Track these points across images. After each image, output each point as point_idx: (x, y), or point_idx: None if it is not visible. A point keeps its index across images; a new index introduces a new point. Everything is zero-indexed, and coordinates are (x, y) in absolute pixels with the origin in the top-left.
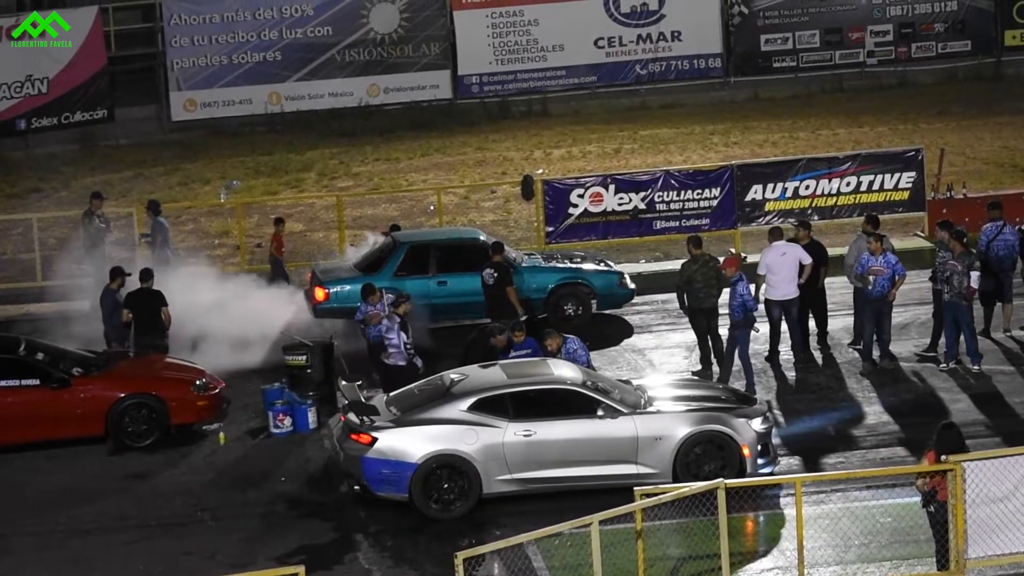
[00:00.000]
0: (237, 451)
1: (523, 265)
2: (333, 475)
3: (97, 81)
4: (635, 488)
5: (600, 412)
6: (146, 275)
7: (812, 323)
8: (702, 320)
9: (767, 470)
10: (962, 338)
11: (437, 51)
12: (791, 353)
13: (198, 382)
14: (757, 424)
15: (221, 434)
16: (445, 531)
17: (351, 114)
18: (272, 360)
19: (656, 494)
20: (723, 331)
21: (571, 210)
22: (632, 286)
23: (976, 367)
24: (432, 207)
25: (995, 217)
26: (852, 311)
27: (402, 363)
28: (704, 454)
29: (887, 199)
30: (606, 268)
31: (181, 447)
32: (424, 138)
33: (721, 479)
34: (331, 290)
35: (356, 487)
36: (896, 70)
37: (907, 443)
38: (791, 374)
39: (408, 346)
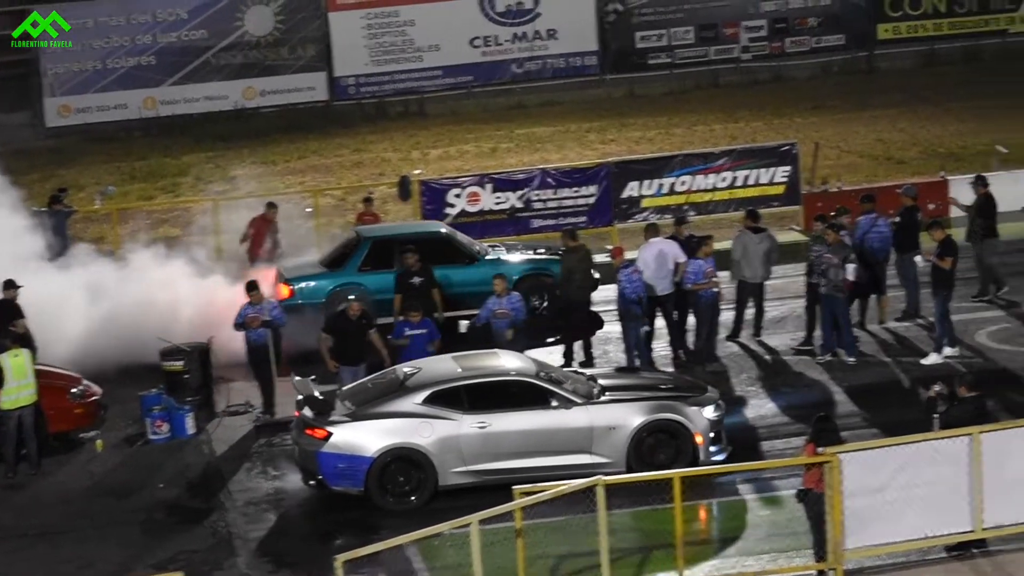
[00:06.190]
0: (115, 458)
1: (487, 258)
2: (211, 480)
3: None
4: (513, 487)
5: (554, 403)
6: (8, 286)
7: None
8: (578, 313)
9: (720, 457)
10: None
11: (313, 53)
12: (669, 349)
13: (74, 389)
14: (709, 412)
15: (98, 441)
16: (327, 535)
17: (227, 117)
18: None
19: (535, 492)
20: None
21: (448, 210)
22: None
23: (852, 359)
24: (309, 209)
25: (869, 210)
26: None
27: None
28: (658, 443)
29: (763, 194)
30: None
31: (58, 455)
32: (301, 140)
33: (599, 476)
34: (296, 287)
35: (311, 482)
36: (771, 65)
37: (784, 436)
38: (669, 371)
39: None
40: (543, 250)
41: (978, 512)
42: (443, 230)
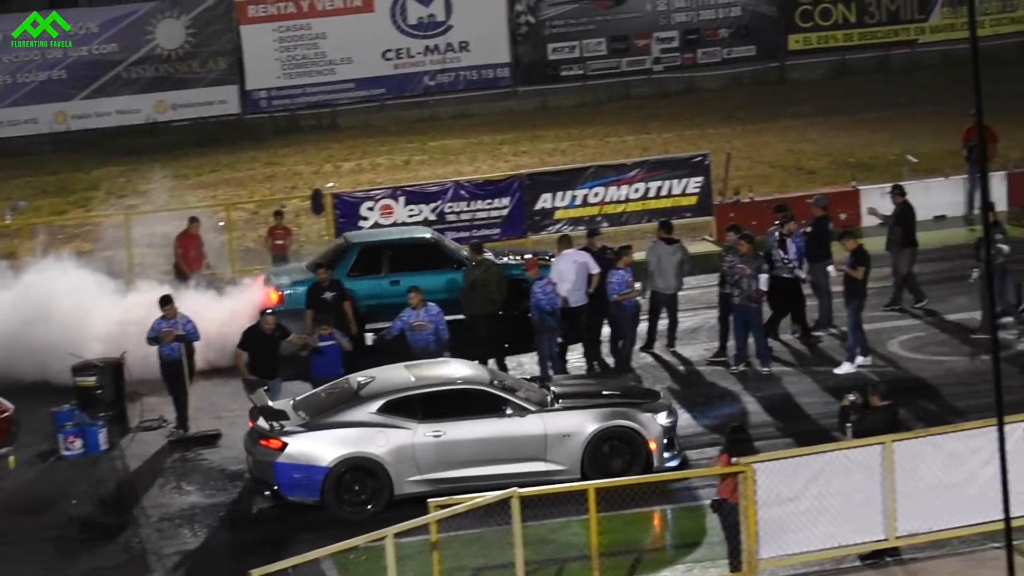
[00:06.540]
0: (27, 475)
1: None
2: (125, 496)
3: None
4: (429, 500)
5: (508, 411)
6: None
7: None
8: (483, 325)
9: (673, 463)
10: (751, 340)
11: (224, 66)
12: (583, 361)
13: None
14: (662, 418)
15: (11, 458)
16: (242, 549)
17: (138, 131)
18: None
19: (450, 504)
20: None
21: (362, 223)
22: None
23: (765, 369)
24: (222, 223)
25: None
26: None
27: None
28: (612, 450)
29: (675, 204)
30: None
31: None
32: (212, 154)
33: (514, 488)
34: (285, 293)
35: (267, 492)
36: (682, 76)
37: (699, 446)
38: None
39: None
40: (529, 255)
41: (891, 520)
42: (429, 236)
